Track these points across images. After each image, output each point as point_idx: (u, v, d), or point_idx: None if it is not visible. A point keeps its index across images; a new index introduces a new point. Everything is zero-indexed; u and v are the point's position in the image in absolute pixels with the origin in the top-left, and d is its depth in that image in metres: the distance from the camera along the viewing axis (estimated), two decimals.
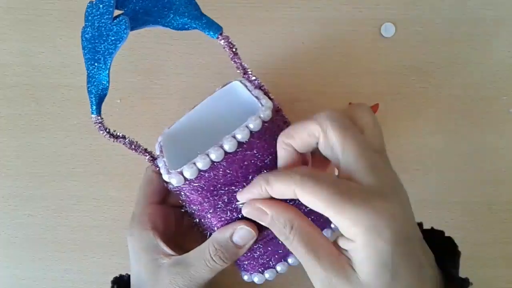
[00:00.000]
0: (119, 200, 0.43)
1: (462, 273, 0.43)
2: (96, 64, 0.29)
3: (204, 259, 0.32)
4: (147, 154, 0.33)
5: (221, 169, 0.30)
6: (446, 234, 0.32)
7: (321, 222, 0.33)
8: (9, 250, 0.44)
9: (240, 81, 0.34)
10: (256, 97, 0.32)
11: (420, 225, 0.31)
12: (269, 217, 0.29)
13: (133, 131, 0.42)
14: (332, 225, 0.33)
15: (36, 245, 0.44)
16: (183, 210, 0.35)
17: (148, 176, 0.37)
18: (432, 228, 0.32)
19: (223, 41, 0.31)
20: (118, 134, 0.32)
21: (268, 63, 0.37)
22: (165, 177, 0.31)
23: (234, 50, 0.31)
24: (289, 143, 0.29)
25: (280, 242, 0.32)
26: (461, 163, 0.43)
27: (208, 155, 0.29)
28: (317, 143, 0.28)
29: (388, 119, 0.42)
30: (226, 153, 0.29)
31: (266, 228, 0.32)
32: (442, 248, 0.29)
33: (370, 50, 0.42)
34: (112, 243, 0.43)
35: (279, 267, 0.34)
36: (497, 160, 0.43)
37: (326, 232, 0.33)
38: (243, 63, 0.32)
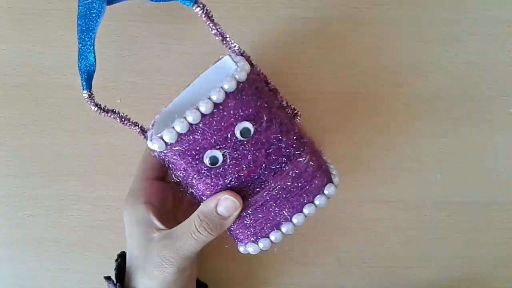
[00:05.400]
0: (119, 200, 0.43)
1: (462, 273, 0.43)
2: (83, 42, 0.32)
3: (190, 230, 0.32)
4: (137, 128, 0.34)
5: (199, 132, 0.30)
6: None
7: (312, 187, 0.33)
8: (9, 250, 0.44)
9: (230, 55, 0.34)
10: (236, 63, 0.32)
11: None
12: None
13: (133, 131, 0.42)
14: (325, 191, 0.33)
15: (36, 245, 0.44)
16: (175, 181, 0.35)
17: (146, 152, 0.38)
18: None
19: (198, 9, 0.31)
20: (108, 108, 0.33)
21: (268, 63, 0.37)
22: (149, 144, 0.31)
23: (210, 16, 0.32)
24: None
25: (270, 209, 0.33)
26: (461, 163, 0.43)
27: (185, 117, 0.30)
28: None
29: (388, 119, 0.42)
30: (203, 115, 0.30)
31: (254, 195, 0.32)
32: None
33: (370, 50, 0.42)
34: (112, 243, 0.43)
35: (273, 236, 0.33)
36: (497, 160, 0.43)
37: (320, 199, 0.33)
38: (221, 30, 0.32)
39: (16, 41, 0.42)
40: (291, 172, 0.32)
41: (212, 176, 0.32)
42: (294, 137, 0.32)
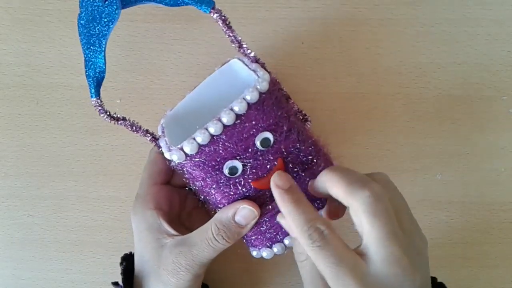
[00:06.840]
0: (119, 200, 0.43)
1: (462, 273, 0.43)
2: (92, 47, 0.30)
3: (207, 238, 0.32)
4: (149, 135, 0.34)
5: (221, 143, 0.30)
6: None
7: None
8: (9, 250, 0.44)
9: (238, 58, 0.34)
10: (254, 71, 0.32)
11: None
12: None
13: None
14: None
15: (36, 245, 0.44)
16: (187, 189, 0.35)
17: (152, 157, 0.37)
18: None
19: (216, 15, 0.31)
20: (118, 116, 0.32)
21: (268, 63, 0.37)
22: (167, 154, 0.31)
23: (227, 23, 0.32)
24: (323, 190, 0.30)
25: None
26: (461, 163, 0.43)
27: (207, 129, 0.29)
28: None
29: (388, 119, 0.42)
30: (224, 126, 0.29)
31: (270, 202, 0.32)
32: None
33: (370, 50, 0.42)
34: (112, 243, 0.43)
35: (287, 241, 0.33)
36: (497, 160, 0.43)
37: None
38: (237, 37, 0.32)
39: (16, 41, 0.42)
40: (307, 179, 0.32)
41: (231, 185, 0.31)
42: (311, 145, 0.33)
